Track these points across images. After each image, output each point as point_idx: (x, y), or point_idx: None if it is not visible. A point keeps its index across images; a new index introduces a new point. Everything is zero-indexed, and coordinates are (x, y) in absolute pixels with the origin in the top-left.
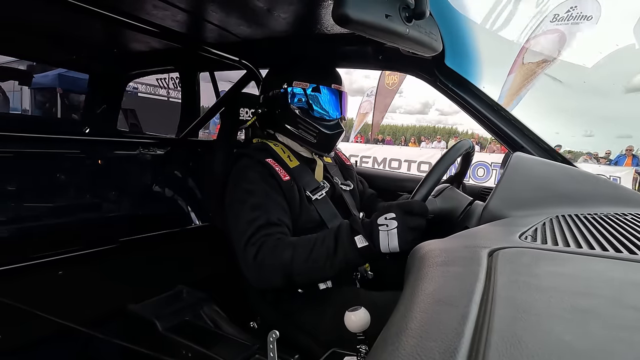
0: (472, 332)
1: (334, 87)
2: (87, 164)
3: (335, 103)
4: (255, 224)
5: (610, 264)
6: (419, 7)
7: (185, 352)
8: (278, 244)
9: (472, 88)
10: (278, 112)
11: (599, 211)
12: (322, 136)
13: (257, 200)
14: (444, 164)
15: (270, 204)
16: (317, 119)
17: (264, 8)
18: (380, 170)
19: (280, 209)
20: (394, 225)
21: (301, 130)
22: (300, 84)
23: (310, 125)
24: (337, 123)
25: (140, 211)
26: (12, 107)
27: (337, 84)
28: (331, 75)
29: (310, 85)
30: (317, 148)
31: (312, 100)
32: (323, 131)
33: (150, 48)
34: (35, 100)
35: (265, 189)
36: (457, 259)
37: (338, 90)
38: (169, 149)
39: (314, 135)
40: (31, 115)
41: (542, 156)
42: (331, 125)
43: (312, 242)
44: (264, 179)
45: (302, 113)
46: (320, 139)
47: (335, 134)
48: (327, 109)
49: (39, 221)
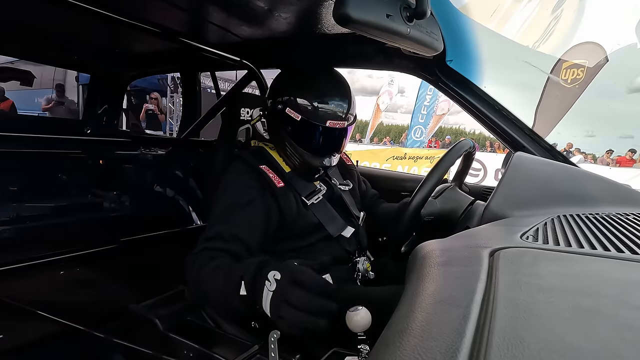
0: (474, 332)
1: (330, 125)
2: (88, 164)
3: (329, 140)
4: (207, 235)
5: (612, 264)
6: (420, 6)
7: (186, 352)
8: (204, 264)
9: (474, 88)
10: (272, 122)
11: (600, 211)
12: (305, 166)
13: (223, 209)
14: (444, 165)
15: (235, 216)
16: (302, 148)
17: (265, 8)
18: (382, 170)
19: (244, 224)
20: (273, 287)
21: (288, 152)
22: (293, 112)
23: (296, 151)
24: (325, 157)
25: (142, 211)
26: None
27: (335, 121)
28: (331, 108)
29: (301, 118)
30: (298, 173)
31: (300, 131)
32: (307, 161)
33: (152, 48)
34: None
35: (238, 200)
36: (458, 259)
37: (335, 127)
38: (170, 149)
39: (298, 161)
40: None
41: (543, 156)
42: (317, 158)
43: (225, 271)
44: (243, 190)
45: (290, 136)
46: (302, 166)
47: (319, 165)
48: (315, 146)
49: (40, 221)
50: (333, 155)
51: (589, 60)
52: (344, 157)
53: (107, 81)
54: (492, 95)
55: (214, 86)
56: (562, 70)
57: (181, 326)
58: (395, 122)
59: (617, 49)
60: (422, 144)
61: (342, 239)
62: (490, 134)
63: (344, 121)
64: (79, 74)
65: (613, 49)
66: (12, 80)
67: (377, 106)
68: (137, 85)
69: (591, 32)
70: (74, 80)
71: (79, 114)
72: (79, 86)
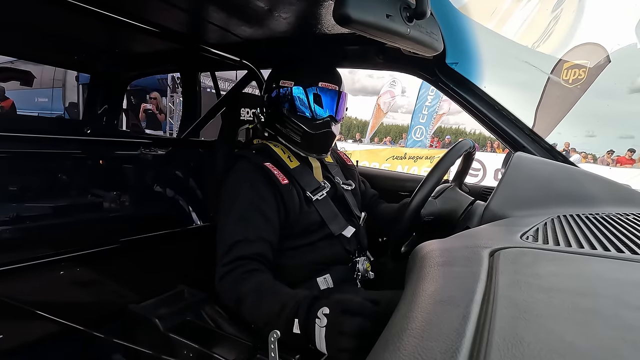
0: (474, 332)
1: (322, 85)
2: (88, 164)
3: (324, 102)
4: (233, 239)
5: (612, 264)
6: (420, 6)
7: (186, 352)
8: (243, 279)
9: (473, 88)
10: (270, 112)
11: (600, 211)
12: (306, 136)
13: (242, 210)
14: (444, 165)
15: (254, 216)
16: (301, 118)
17: (265, 8)
18: (382, 171)
19: (263, 222)
20: (324, 323)
21: (288, 129)
22: (285, 82)
23: (295, 124)
24: (323, 122)
25: (142, 211)
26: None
27: (325, 82)
28: (320, 73)
29: (293, 84)
30: (303, 148)
31: (296, 100)
32: (307, 131)
33: (152, 48)
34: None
35: (254, 199)
36: (458, 259)
37: (327, 88)
38: (170, 149)
39: (299, 135)
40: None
41: (543, 156)
42: (316, 124)
43: (269, 295)
44: (255, 187)
45: (288, 112)
46: (304, 139)
47: (320, 134)
48: (313, 108)
49: (40, 221)
50: (333, 124)
51: (591, 61)
52: (344, 158)
53: (107, 81)
54: (492, 96)
55: (214, 86)
56: (562, 70)
57: (181, 326)
58: (395, 122)
59: (617, 49)
60: (422, 144)
61: (342, 238)
62: (490, 134)
63: (335, 84)
64: (79, 73)
65: (613, 49)
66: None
67: (378, 106)
68: (137, 84)
69: (591, 32)
70: (74, 80)
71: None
72: (79, 86)
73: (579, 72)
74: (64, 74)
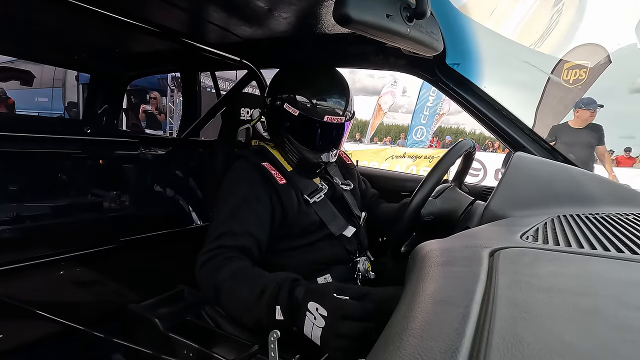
0: (473, 332)
1: (328, 120)
2: (88, 163)
3: (327, 136)
4: (218, 231)
5: (612, 264)
6: (420, 6)
7: (186, 352)
8: (222, 265)
9: (474, 88)
10: (270, 120)
11: (600, 211)
12: (303, 162)
13: (234, 205)
14: (444, 165)
15: (244, 211)
16: (300, 143)
17: (265, 8)
18: (382, 170)
19: (253, 218)
20: (321, 324)
21: (287, 148)
22: (290, 108)
23: (295, 148)
24: (322, 152)
25: (142, 211)
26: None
27: (332, 116)
28: (329, 105)
29: (299, 113)
30: (298, 170)
31: (299, 127)
32: (305, 157)
33: (152, 48)
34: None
35: (247, 196)
36: (458, 259)
37: (333, 122)
38: (170, 149)
39: (296, 158)
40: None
41: (543, 156)
42: (315, 154)
43: (247, 279)
44: (251, 186)
45: (288, 131)
46: (301, 164)
47: (317, 162)
48: (314, 141)
49: (40, 221)
50: (331, 151)
51: (591, 61)
52: (344, 157)
53: (107, 81)
54: (492, 95)
55: (214, 86)
56: (563, 70)
57: (181, 326)
58: (396, 121)
59: (617, 49)
60: (423, 144)
61: (343, 238)
62: (490, 134)
63: (341, 117)
64: (79, 73)
65: (613, 49)
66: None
67: (378, 106)
68: (137, 84)
69: (591, 32)
70: (74, 79)
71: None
72: (79, 86)
73: (579, 73)
74: (64, 73)
